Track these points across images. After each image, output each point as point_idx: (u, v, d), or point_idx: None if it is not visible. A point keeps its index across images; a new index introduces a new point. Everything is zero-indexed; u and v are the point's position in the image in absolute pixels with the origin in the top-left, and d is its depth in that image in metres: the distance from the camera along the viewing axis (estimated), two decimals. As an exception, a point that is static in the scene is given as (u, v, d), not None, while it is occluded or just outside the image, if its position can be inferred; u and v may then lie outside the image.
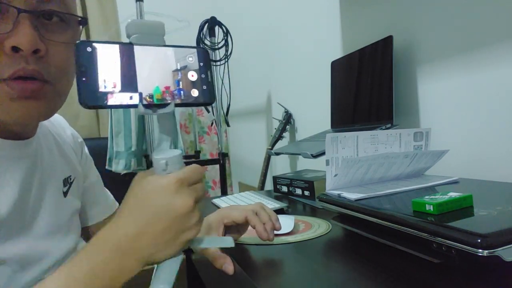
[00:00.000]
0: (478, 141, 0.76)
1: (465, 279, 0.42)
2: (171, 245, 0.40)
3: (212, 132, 2.50)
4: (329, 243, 0.61)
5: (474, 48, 0.76)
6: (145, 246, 0.39)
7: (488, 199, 0.53)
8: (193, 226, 0.41)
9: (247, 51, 2.05)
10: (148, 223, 0.39)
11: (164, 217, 0.39)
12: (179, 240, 0.40)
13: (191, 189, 0.40)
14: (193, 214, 0.40)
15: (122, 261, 0.39)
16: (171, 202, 0.39)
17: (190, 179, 0.41)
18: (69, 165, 0.64)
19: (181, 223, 0.39)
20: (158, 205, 0.39)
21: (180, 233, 0.40)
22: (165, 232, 0.39)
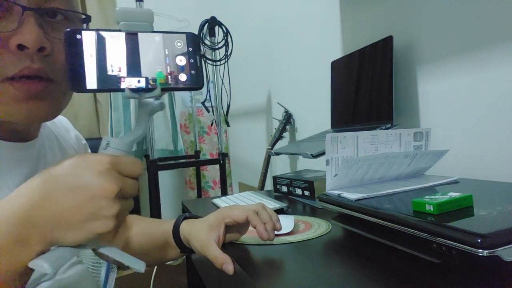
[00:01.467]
0: (478, 141, 0.76)
1: (465, 279, 0.42)
2: (76, 229, 0.35)
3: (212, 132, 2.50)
4: (329, 243, 0.61)
5: (474, 48, 0.76)
6: (47, 218, 0.34)
7: (488, 199, 0.53)
8: (105, 218, 0.35)
9: (247, 51, 2.05)
10: (57, 193, 0.34)
11: (77, 193, 0.34)
12: (86, 227, 0.35)
13: (119, 177, 0.36)
14: (110, 204, 0.35)
15: (24, 231, 0.34)
16: (91, 179, 0.35)
17: (123, 168, 0.37)
18: None
19: (94, 207, 0.35)
20: (75, 176, 0.35)
21: (89, 220, 0.35)
22: (73, 210, 0.34)
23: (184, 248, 0.66)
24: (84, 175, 0.35)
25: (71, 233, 0.35)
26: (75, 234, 0.35)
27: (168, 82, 0.42)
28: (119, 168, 0.37)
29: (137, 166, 0.39)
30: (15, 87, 0.44)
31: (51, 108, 0.48)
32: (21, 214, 0.34)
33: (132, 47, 0.41)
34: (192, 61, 0.43)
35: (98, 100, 2.37)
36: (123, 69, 0.40)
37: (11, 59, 0.43)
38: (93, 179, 0.35)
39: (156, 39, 0.42)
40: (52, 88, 0.47)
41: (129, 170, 0.38)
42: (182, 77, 0.42)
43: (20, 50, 0.43)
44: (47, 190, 0.35)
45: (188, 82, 0.43)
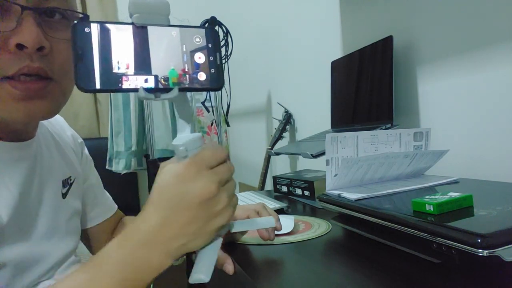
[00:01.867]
0: (478, 141, 0.76)
1: (465, 279, 0.42)
2: (202, 234, 0.38)
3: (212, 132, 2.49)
4: (329, 243, 0.61)
5: (474, 48, 0.76)
6: (171, 238, 0.38)
7: (488, 199, 0.53)
8: (221, 212, 0.38)
9: (247, 51, 2.05)
10: (170, 214, 0.38)
11: (186, 206, 0.37)
12: (208, 228, 0.38)
13: (211, 172, 0.38)
14: (218, 198, 0.38)
15: (149, 254, 0.38)
16: (190, 189, 0.37)
17: (209, 162, 0.38)
18: (69, 166, 0.64)
19: (206, 210, 0.38)
20: (178, 194, 0.37)
21: (208, 221, 0.38)
22: (191, 222, 0.37)
23: None
24: (182, 189, 0.37)
25: (199, 240, 0.39)
26: (203, 239, 0.39)
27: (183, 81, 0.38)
28: (207, 165, 0.38)
29: (217, 152, 0.40)
30: (14, 86, 0.44)
31: (49, 107, 0.48)
32: (147, 237, 0.38)
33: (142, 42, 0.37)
34: (212, 58, 0.40)
35: (98, 100, 2.37)
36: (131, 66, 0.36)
37: (11, 59, 0.43)
38: (190, 189, 0.37)
39: (173, 34, 0.38)
40: (51, 87, 0.47)
41: (215, 161, 0.39)
42: (201, 76, 0.39)
43: (19, 49, 0.43)
44: (162, 214, 0.38)
45: (208, 82, 0.39)
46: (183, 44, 0.39)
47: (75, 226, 0.63)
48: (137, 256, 0.38)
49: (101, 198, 0.75)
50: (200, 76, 0.39)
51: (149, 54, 0.37)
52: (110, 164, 2.01)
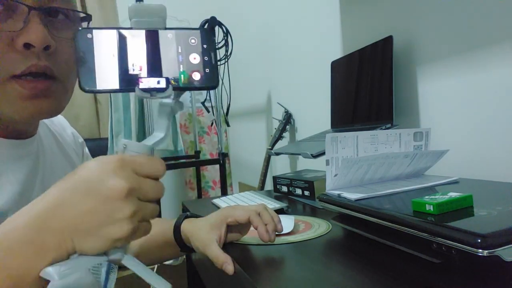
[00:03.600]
0: (478, 141, 0.76)
1: (465, 279, 0.42)
2: (93, 236, 0.34)
3: (212, 132, 2.50)
4: (329, 243, 0.61)
5: (474, 48, 0.76)
6: (64, 224, 0.33)
7: (488, 199, 0.53)
8: (119, 221, 0.34)
9: (247, 51, 2.05)
10: (71, 198, 0.34)
11: (89, 196, 0.33)
12: (102, 232, 0.34)
13: (133, 176, 0.35)
14: (123, 206, 0.33)
15: (39, 236, 0.33)
16: (102, 180, 0.34)
17: (138, 167, 0.35)
18: (71, 165, 0.64)
19: (107, 210, 0.33)
20: (87, 180, 0.34)
21: (105, 224, 0.33)
22: (88, 215, 0.33)
23: (185, 247, 0.66)
24: (95, 178, 0.34)
25: (89, 240, 0.34)
26: (93, 241, 0.34)
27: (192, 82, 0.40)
28: (134, 167, 0.35)
29: (156, 165, 0.36)
30: (21, 85, 0.45)
31: (54, 105, 0.49)
32: (36, 219, 0.33)
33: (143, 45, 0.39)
34: (206, 58, 0.41)
35: (98, 101, 2.37)
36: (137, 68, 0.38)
37: (18, 58, 0.44)
38: (103, 180, 0.34)
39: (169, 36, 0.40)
40: (56, 86, 0.48)
41: (146, 170, 0.36)
42: (195, 76, 0.40)
43: (27, 49, 0.44)
44: (63, 196, 0.34)
45: (203, 81, 0.40)
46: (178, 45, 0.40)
47: None
48: (25, 239, 0.33)
49: None
50: (195, 76, 0.40)
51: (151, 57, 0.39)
52: (110, 164, 2.01)
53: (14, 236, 0.33)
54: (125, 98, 2.01)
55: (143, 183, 0.35)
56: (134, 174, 0.35)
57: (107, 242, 0.34)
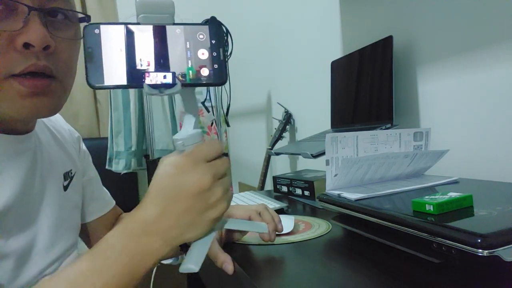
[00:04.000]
0: (478, 141, 0.76)
1: (465, 279, 0.42)
2: (197, 225, 0.40)
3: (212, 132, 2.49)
4: (329, 243, 0.61)
5: (474, 48, 0.76)
6: (168, 227, 0.39)
7: (488, 199, 0.53)
8: (215, 204, 0.40)
9: (247, 51, 2.05)
10: (167, 204, 0.39)
11: (182, 197, 0.39)
12: (204, 219, 0.40)
13: (207, 165, 0.40)
14: (213, 190, 0.39)
15: (148, 242, 0.40)
16: (186, 181, 0.39)
17: (206, 155, 0.40)
18: (70, 160, 0.65)
19: (202, 201, 0.39)
20: (174, 185, 0.39)
21: (203, 212, 0.40)
22: (187, 213, 0.39)
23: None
24: (179, 181, 0.39)
25: (194, 231, 0.40)
26: (198, 230, 0.40)
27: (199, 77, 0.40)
28: (203, 158, 0.40)
29: (216, 146, 0.41)
30: (21, 82, 0.45)
31: (53, 104, 0.50)
32: (146, 226, 0.40)
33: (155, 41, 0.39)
34: (215, 54, 0.41)
35: (98, 100, 2.37)
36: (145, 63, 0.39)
37: (18, 57, 0.44)
38: (186, 180, 0.39)
39: (177, 32, 0.40)
40: (55, 85, 0.48)
41: (212, 155, 0.40)
42: (204, 71, 0.40)
43: (26, 48, 0.44)
44: (160, 205, 0.40)
45: (211, 77, 0.41)
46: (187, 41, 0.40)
47: (76, 220, 0.64)
48: (138, 243, 0.40)
49: (99, 193, 0.75)
50: (203, 72, 0.40)
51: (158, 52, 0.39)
52: (110, 164, 2.00)
53: (125, 241, 0.40)
54: (125, 97, 2.01)
55: (215, 166, 0.40)
56: (206, 163, 0.40)
57: (210, 224, 0.41)
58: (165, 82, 0.39)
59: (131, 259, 0.40)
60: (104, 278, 0.39)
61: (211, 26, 0.42)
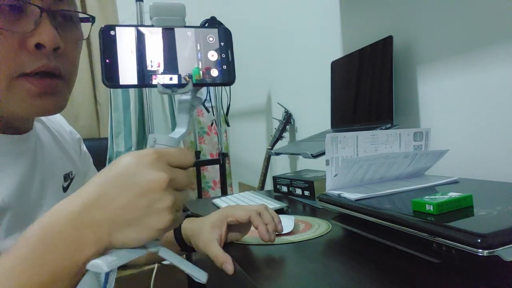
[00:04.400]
0: (478, 141, 0.76)
1: (465, 279, 0.42)
2: (133, 227, 0.34)
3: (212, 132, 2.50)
4: (329, 243, 0.61)
5: (474, 48, 0.76)
6: (103, 218, 0.34)
7: (488, 199, 0.53)
8: (160, 212, 0.35)
9: (247, 51, 2.05)
10: (109, 192, 0.34)
11: (128, 189, 0.34)
12: (143, 224, 0.34)
13: (168, 168, 0.36)
14: (162, 196, 0.35)
15: (78, 232, 0.34)
16: (139, 173, 0.35)
17: (172, 158, 0.37)
18: (70, 161, 0.65)
19: (147, 201, 0.34)
20: (125, 174, 0.35)
21: (145, 216, 0.34)
22: (127, 208, 0.34)
23: (185, 246, 0.66)
24: (132, 171, 0.35)
25: (130, 232, 0.34)
26: (134, 232, 0.35)
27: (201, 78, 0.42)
28: (168, 159, 0.37)
29: (186, 155, 0.38)
30: (31, 82, 0.46)
31: (60, 103, 0.51)
32: (75, 215, 0.34)
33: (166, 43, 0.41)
34: (224, 56, 0.43)
35: (98, 101, 2.37)
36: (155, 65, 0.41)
37: (30, 57, 0.45)
38: (141, 173, 0.35)
39: (188, 34, 0.42)
40: (62, 85, 0.50)
41: (178, 161, 0.37)
42: (213, 72, 0.42)
43: (38, 49, 0.45)
44: (100, 191, 0.35)
45: (220, 78, 0.43)
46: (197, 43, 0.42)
47: None
48: (65, 234, 0.34)
49: None
50: (213, 73, 0.43)
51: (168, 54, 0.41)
52: (110, 165, 2.01)
53: (53, 231, 0.34)
54: (125, 98, 2.01)
55: (177, 173, 0.37)
56: (169, 166, 0.36)
57: (148, 233, 0.35)
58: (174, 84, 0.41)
59: (53, 253, 0.33)
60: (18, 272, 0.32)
61: (219, 29, 0.44)
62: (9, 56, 0.44)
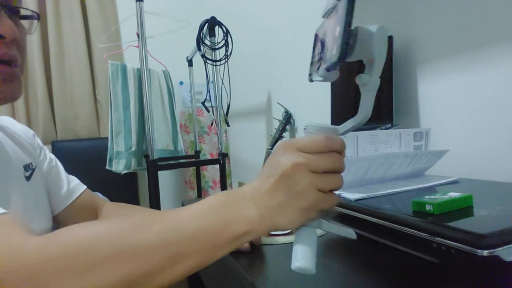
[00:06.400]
0: (478, 141, 0.76)
1: (465, 279, 0.42)
2: (285, 211, 0.39)
3: (212, 132, 2.49)
4: (329, 243, 0.61)
5: (474, 48, 0.76)
6: (263, 198, 0.39)
7: (488, 199, 0.53)
8: (300, 193, 0.39)
9: (247, 51, 2.05)
10: (265, 177, 0.40)
11: (270, 176, 0.39)
12: (290, 205, 0.39)
13: (299, 154, 0.40)
14: (299, 178, 0.39)
15: (244, 204, 0.39)
16: (274, 163, 0.40)
17: (303, 146, 0.40)
18: (28, 154, 0.69)
19: (286, 184, 0.39)
20: (268, 164, 0.41)
21: (288, 198, 0.39)
22: (272, 193, 0.39)
23: None
24: (271, 163, 0.41)
25: (284, 216, 0.39)
26: (287, 215, 0.39)
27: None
28: (297, 147, 0.40)
29: (315, 142, 0.40)
30: None
31: (19, 89, 0.56)
32: (244, 193, 0.41)
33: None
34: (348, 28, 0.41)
35: (98, 100, 2.37)
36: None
37: None
38: (274, 162, 0.40)
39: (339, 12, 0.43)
40: (18, 72, 0.55)
41: (309, 147, 0.40)
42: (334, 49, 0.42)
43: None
44: (261, 177, 0.41)
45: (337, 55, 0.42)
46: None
47: (44, 207, 0.68)
48: (232, 205, 0.40)
49: (62, 182, 0.77)
50: (333, 50, 0.43)
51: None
52: (110, 165, 2.00)
53: (230, 200, 0.41)
54: (125, 98, 2.01)
55: (309, 158, 0.39)
56: (299, 152, 0.40)
57: (299, 214, 0.39)
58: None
59: (219, 215, 0.39)
60: (183, 226, 0.38)
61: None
62: None
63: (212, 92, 1.85)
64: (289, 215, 0.39)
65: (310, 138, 0.41)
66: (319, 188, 0.39)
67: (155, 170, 1.69)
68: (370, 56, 0.43)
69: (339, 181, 0.42)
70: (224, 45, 1.73)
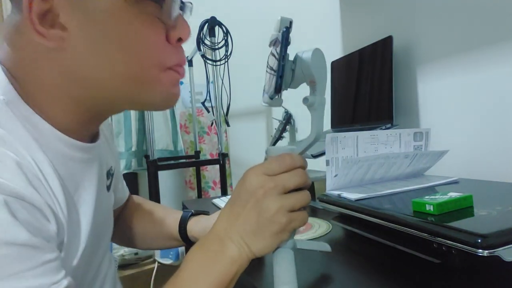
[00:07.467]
0: (478, 141, 0.76)
1: (465, 279, 0.42)
2: (260, 236, 0.40)
3: (212, 132, 2.49)
4: (329, 243, 0.61)
5: (473, 48, 0.76)
6: (237, 229, 0.40)
7: (488, 199, 0.53)
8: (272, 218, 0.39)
9: (247, 51, 2.05)
10: (234, 204, 0.41)
11: (244, 203, 0.40)
12: (267, 230, 0.39)
13: (266, 178, 0.40)
14: (267, 203, 0.39)
15: (225, 249, 0.40)
16: (245, 186, 0.41)
17: (269, 168, 0.41)
18: (112, 156, 0.61)
19: (259, 211, 0.39)
20: (239, 189, 0.41)
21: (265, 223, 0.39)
22: (250, 215, 0.40)
23: (190, 242, 0.66)
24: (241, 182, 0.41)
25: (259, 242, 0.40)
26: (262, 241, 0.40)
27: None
28: (263, 171, 0.41)
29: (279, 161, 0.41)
30: (177, 71, 0.46)
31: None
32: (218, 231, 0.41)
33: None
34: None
35: (98, 100, 2.37)
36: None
37: (172, 51, 0.45)
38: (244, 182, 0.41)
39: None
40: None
41: (274, 168, 0.41)
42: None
43: (177, 43, 0.45)
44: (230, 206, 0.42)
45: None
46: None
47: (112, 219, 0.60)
48: (212, 250, 0.41)
49: (121, 184, 0.70)
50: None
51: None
52: (110, 164, 2.01)
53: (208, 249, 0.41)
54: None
55: (277, 180, 0.40)
56: (265, 176, 0.40)
57: (273, 238, 0.40)
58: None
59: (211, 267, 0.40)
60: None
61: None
62: (159, 47, 0.43)
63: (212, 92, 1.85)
64: (264, 241, 0.40)
65: (274, 160, 0.41)
66: (289, 209, 0.40)
67: (155, 170, 1.69)
68: (311, 78, 0.48)
69: (307, 198, 0.42)
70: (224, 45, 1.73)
